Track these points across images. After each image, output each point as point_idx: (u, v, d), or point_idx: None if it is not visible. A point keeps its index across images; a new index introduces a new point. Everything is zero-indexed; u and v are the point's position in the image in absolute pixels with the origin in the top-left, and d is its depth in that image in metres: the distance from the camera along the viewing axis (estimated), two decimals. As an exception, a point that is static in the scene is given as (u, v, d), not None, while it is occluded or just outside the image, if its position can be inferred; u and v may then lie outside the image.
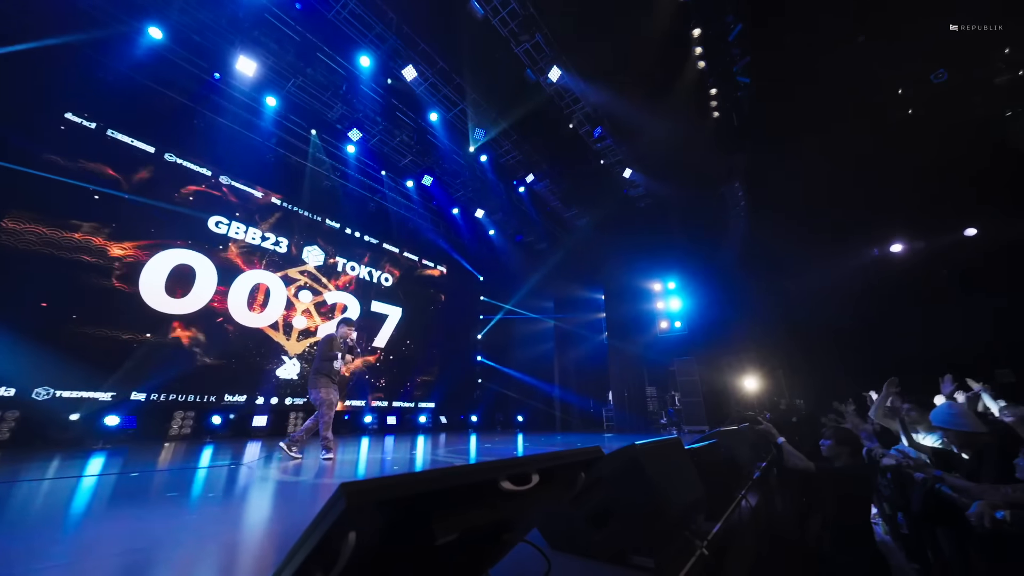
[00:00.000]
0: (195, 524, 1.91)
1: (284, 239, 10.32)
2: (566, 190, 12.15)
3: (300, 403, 9.73)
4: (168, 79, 6.99)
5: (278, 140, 8.94)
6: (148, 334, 7.62)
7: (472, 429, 12.81)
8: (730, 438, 2.27)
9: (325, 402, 4.34)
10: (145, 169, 7.96)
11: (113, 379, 6.93)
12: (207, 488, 2.83)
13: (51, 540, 1.58)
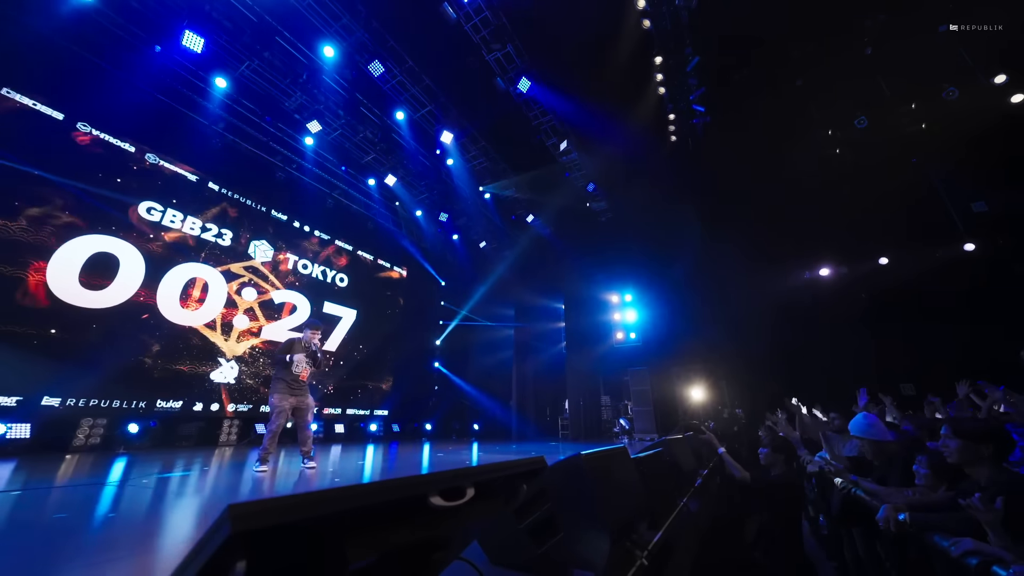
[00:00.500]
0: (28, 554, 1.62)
1: (228, 231, 9.56)
2: (531, 199, 12.30)
3: (243, 409, 8.98)
4: (95, 44, 6.29)
5: (227, 125, 8.31)
6: (53, 330, 6.70)
7: (427, 438, 12.43)
8: (674, 447, 2.34)
9: (275, 409, 4.05)
10: (55, 141, 7.07)
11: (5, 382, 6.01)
12: (62, 509, 2.43)
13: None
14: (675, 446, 2.37)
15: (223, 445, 8.15)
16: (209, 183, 9.16)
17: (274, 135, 8.71)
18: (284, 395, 4.14)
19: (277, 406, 4.08)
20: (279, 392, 4.14)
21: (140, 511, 2.46)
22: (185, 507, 2.61)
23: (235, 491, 3.12)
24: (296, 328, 4.80)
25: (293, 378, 4.21)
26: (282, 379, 4.20)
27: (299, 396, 4.26)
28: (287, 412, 4.14)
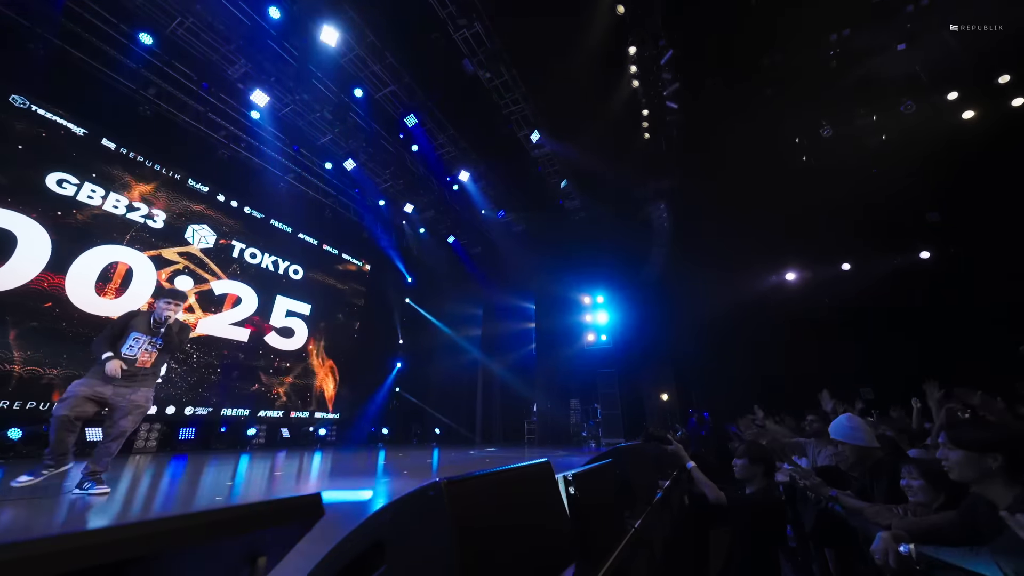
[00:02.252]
0: None
1: (161, 212, 8.57)
2: (502, 194, 11.85)
3: (169, 412, 7.99)
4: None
5: (158, 91, 7.40)
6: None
7: (384, 443, 11.66)
8: (628, 457, 1.90)
9: (67, 396, 2.96)
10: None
11: None
12: None
13: None
14: (628, 456, 1.93)
15: (140, 452, 7.17)
16: (138, 157, 8.17)
17: (215, 106, 7.85)
18: (91, 379, 3.01)
19: (70, 389, 2.98)
20: (88, 375, 3.04)
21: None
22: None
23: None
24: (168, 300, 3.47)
25: (125, 362, 3.10)
26: (103, 358, 3.08)
27: (119, 387, 3.07)
28: (79, 401, 2.94)
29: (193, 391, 8.64)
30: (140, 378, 3.21)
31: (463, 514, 0.67)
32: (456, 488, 0.68)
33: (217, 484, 4.08)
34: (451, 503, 0.65)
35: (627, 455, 1.89)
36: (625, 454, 1.85)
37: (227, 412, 8.98)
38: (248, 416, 9.35)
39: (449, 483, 0.67)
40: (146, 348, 3.24)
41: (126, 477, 4.31)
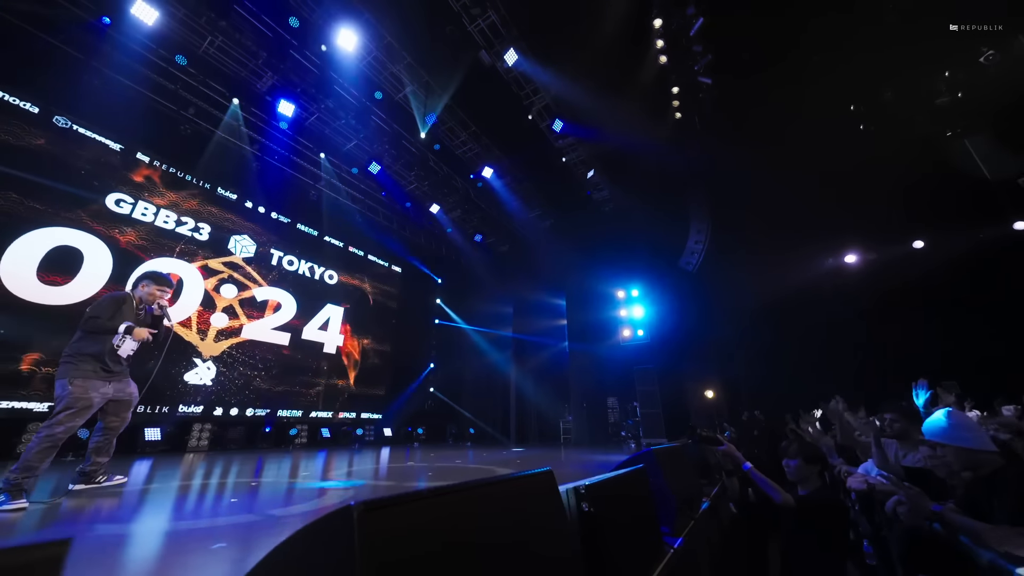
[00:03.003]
0: None
1: (206, 225, 9.09)
2: (528, 189, 11.61)
3: (217, 413, 8.46)
4: (45, 19, 5.84)
5: (197, 110, 7.84)
6: (2, 330, 6.24)
7: (419, 442, 11.77)
8: (664, 461, 1.60)
9: (76, 402, 2.63)
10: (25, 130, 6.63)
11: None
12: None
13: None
14: (666, 460, 1.64)
15: (193, 451, 7.61)
16: (183, 175, 8.71)
17: (247, 120, 8.21)
18: (91, 379, 2.73)
19: (80, 398, 2.65)
20: (82, 375, 2.70)
21: None
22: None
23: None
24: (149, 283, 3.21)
25: (111, 354, 2.85)
26: (89, 355, 2.77)
27: (116, 382, 2.92)
28: (93, 409, 2.76)
29: (240, 393, 9.10)
30: (126, 370, 3.06)
31: (385, 549, 0.45)
32: (378, 514, 0.46)
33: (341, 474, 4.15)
34: (366, 535, 0.44)
35: (664, 459, 1.58)
36: (661, 458, 1.55)
37: (268, 413, 9.39)
38: (289, 417, 9.73)
39: (368, 507, 0.45)
40: (138, 342, 3.02)
41: (215, 473, 4.50)
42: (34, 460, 2.48)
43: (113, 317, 2.89)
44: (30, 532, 2.16)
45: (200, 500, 3.29)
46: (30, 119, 6.75)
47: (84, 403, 2.67)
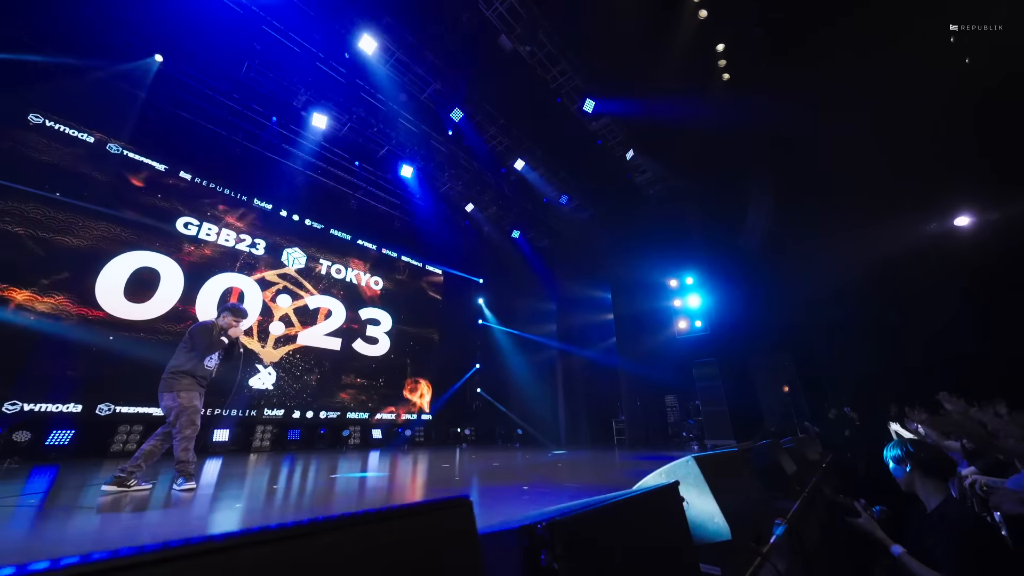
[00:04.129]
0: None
1: (261, 241, 9.78)
2: (563, 179, 11.11)
3: (273, 415, 9.00)
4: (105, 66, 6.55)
5: (245, 134, 8.44)
6: (111, 336, 7.11)
7: (467, 443, 11.72)
8: (712, 472, 1.15)
9: (187, 410, 3.24)
10: (95, 164, 7.53)
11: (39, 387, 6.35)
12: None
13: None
14: (711, 471, 1.19)
15: (256, 451, 8.13)
16: (240, 195, 9.44)
17: (287, 137, 8.69)
18: (193, 392, 3.34)
19: (189, 406, 3.26)
20: (185, 388, 3.30)
21: None
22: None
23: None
24: (229, 313, 3.75)
25: (205, 374, 3.46)
26: (189, 372, 3.36)
27: (202, 394, 3.48)
28: (199, 411, 3.35)
29: (298, 396, 9.64)
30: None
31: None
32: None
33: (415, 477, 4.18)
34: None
35: (710, 468, 1.12)
36: (707, 468, 1.09)
37: (325, 415, 9.83)
38: (343, 418, 10.12)
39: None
40: (218, 361, 3.60)
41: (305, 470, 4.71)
42: (183, 456, 3.22)
43: (206, 344, 3.47)
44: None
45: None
46: (117, 158, 7.67)
47: (194, 409, 3.29)
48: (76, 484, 3.67)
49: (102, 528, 2.28)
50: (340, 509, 2.62)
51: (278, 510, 2.84)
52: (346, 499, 3.36)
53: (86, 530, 2.22)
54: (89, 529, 2.25)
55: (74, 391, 6.56)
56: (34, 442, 5.81)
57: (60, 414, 6.32)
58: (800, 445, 4.02)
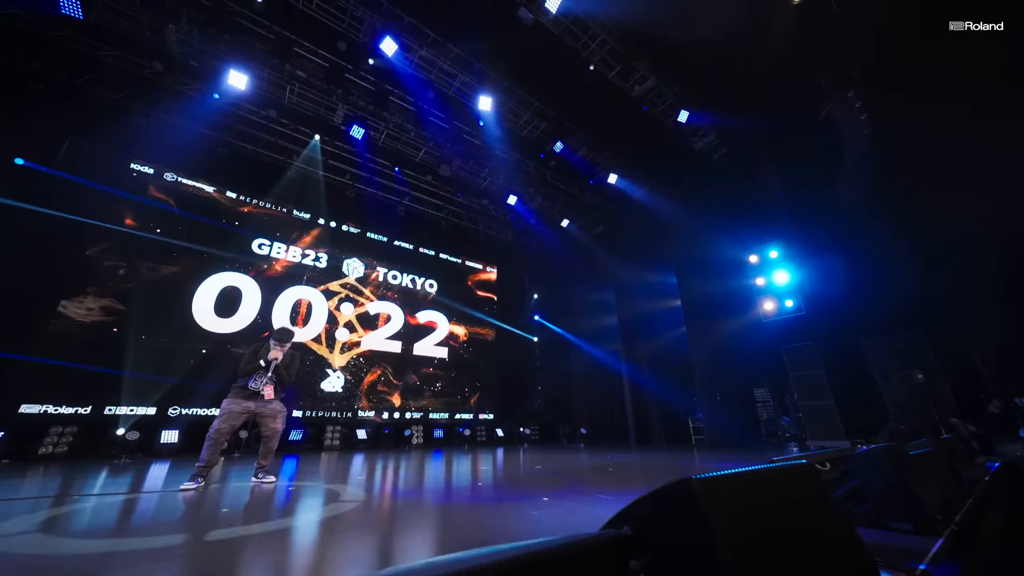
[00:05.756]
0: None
1: (324, 254, 10.55)
2: (609, 156, 10.24)
3: (341, 416, 9.56)
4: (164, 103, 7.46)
5: (301, 157, 9.14)
6: (204, 349, 8.14)
7: (529, 443, 11.35)
8: (767, 490, 0.64)
9: (221, 410, 3.55)
10: (182, 198, 8.67)
11: (162, 395, 7.40)
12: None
13: None
14: (767, 489, 0.69)
15: (327, 450, 8.66)
16: (301, 213, 10.29)
17: (334, 154, 9.21)
18: (236, 398, 3.67)
19: (224, 410, 3.59)
20: (231, 396, 3.68)
21: None
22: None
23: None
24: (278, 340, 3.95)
25: (248, 390, 3.75)
26: (236, 385, 3.77)
27: (260, 401, 3.73)
28: (235, 418, 3.60)
29: (365, 398, 10.16)
30: (268, 393, 3.79)
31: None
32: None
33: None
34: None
35: (720, 506, 0.62)
36: (713, 501, 0.61)
37: (387, 415, 10.21)
38: (407, 419, 10.43)
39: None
40: (266, 382, 3.79)
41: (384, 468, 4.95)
42: (205, 454, 3.45)
43: (247, 363, 3.81)
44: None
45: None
46: (190, 189, 8.83)
47: (226, 412, 3.60)
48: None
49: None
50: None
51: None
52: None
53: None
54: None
55: (176, 398, 7.57)
56: (147, 440, 6.78)
57: (167, 417, 7.33)
58: (945, 450, 2.88)
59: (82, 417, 6.59)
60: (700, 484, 0.65)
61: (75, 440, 6.28)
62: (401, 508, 2.77)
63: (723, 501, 0.67)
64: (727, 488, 0.70)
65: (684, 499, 0.65)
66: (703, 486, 0.65)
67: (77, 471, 4.74)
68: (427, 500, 3.02)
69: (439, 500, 3.03)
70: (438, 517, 2.50)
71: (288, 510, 2.69)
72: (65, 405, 6.55)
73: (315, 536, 2.09)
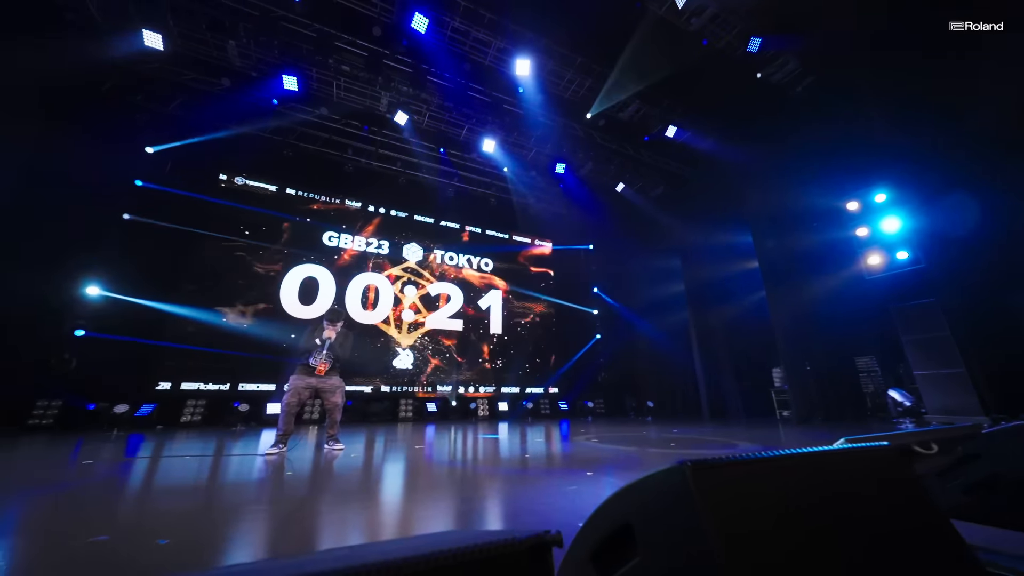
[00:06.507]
0: None
1: (385, 241, 11.19)
2: (666, 107, 9.22)
3: (412, 391, 10.28)
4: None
5: (355, 150, 9.64)
6: (284, 344, 9.24)
7: (592, 416, 11.21)
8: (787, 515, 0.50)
9: (288, 389, 3.94)
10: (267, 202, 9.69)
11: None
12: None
13: None
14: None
15: (401, 421, 9.41)
16: (365, 206, 10.97)
17: (383, 143, 9.55)
18: (300, 375, 4.03)
19: (291, 386, 3.94)
20: (296, 373, 4.03)
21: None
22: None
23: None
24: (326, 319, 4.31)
25: (309, 367, 4.06)
26: (299, 363, 4.10)
27: (320, 378, 4.07)
28: (300, 391, 3.96)
29: (433, 374, 10.81)
30: (327, 374, 4.10)
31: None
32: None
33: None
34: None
35: (723, 508, 0.47)
36: (713, 496, 0.46)
37: (454, 390, 10.75)
38: (471, 392, 10.90)
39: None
40: (322, 359, 4.06)
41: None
42: (281, 424, 3.87)
43: (305, 342, 4.16)
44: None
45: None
46: (289, 196, 9.82)
47: (292, 388, 3.94)
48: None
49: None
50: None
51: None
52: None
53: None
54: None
55: (275, 375, 8.71)
56: (255, 412, 7.95)
57: (269, 392, 8.50)
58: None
59: (209, 392, 7.94)
60: (696, 472, 0.50)
61: (205, 411, 7.58)
62: (428, 475, 2.86)
63: (727, 494, 0.51)
64: (736, 478, 0.53)
65: (675, 491, 0.51)
66: (699, 475, 0.50)
67: (206, 435, 5.73)
68: (460, 469, 3.09)
69: (474, 469, 3.08)
70: (462, 486, 2.53)
71: (336, 472, 2.93)
72: (200, 383, 7.97)
73: (348, 495, 2.23)
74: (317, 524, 1.81)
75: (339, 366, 4.20)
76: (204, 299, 8.53)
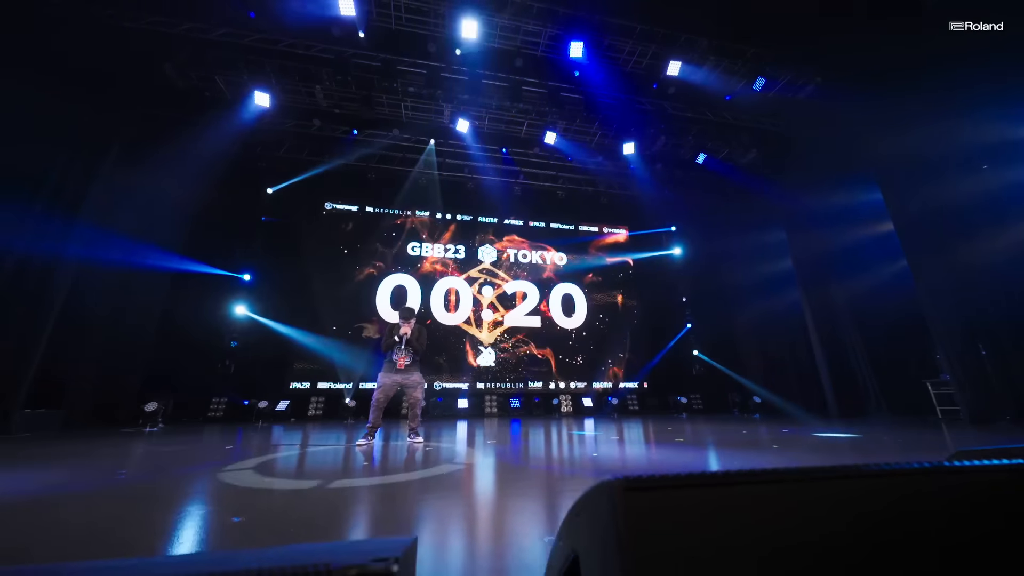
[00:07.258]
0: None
1: (461, 246, 11.77)
2: (751, 57, 8.00)
3: (495, 387, 10.61)
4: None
5: (424, 163, 10.33)
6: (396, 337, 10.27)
7: (687, 412, 10.25)
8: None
9: (377, 385, 4.34)
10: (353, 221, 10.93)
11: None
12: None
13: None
14: None
15: (487, 416, 9.77)
16: (440, 215, 11.70)
17: (447, 152, 10.03)
18: (387, 373, 4.41)
19: (379, 383, 4.34)
20: (383, 371, 4.41)
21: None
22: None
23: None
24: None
25: (392, 363, 4.44)
26: (385, 360, 4.49)
27: (403, 374, 4.38)
28: (387, 388, 4.30)
29: (515, 371, 11.02)
30: (407, 369, 4.45)
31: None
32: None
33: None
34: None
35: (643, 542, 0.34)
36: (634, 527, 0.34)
37: (536, 385, 10.80)
38: (554, 388, 10.84)
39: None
40: (403, 354, 4.41)
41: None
42: (371, 417, 4.26)
43: (386, 340, 4.52)
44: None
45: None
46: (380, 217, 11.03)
47: (381, 384, 4.34)
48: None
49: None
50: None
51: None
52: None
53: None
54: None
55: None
56: (363, 407, 8.99)
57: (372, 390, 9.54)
58: None
59: (326, 391, 9.26)
60: (625, 493, 0.36)
61: (325, 406, 8.85)
62: (490, 471, 2.85)
63: (676, 526, 0.36)
64: (685, 503, 0.38)
65: (603, 518, 0.38)
66: (628, 498, 0.36)
67: (322, 428, 6.68)
68: (506, 464, 3.04)
69: (520, 464, 3.00)
70: (495, 484, 2.47)
71: (404, 465, 3.11)
72: (320, 382, 9.38)
73: (413, 487, 2.34)
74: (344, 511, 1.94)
75: (418, 359, 4.53)
76: (319, 322, 9.97)
